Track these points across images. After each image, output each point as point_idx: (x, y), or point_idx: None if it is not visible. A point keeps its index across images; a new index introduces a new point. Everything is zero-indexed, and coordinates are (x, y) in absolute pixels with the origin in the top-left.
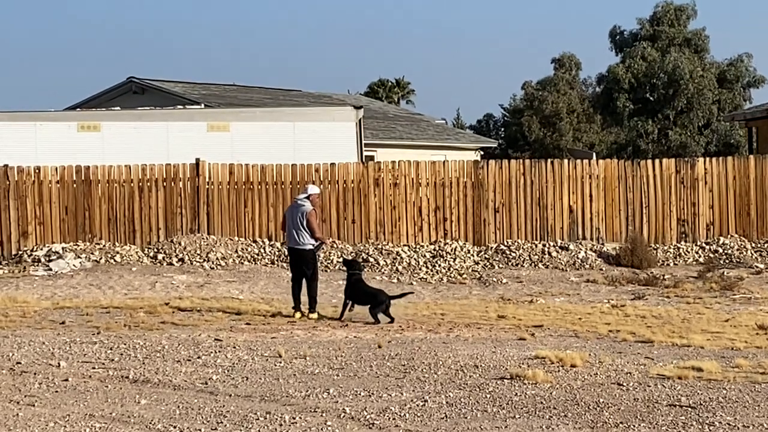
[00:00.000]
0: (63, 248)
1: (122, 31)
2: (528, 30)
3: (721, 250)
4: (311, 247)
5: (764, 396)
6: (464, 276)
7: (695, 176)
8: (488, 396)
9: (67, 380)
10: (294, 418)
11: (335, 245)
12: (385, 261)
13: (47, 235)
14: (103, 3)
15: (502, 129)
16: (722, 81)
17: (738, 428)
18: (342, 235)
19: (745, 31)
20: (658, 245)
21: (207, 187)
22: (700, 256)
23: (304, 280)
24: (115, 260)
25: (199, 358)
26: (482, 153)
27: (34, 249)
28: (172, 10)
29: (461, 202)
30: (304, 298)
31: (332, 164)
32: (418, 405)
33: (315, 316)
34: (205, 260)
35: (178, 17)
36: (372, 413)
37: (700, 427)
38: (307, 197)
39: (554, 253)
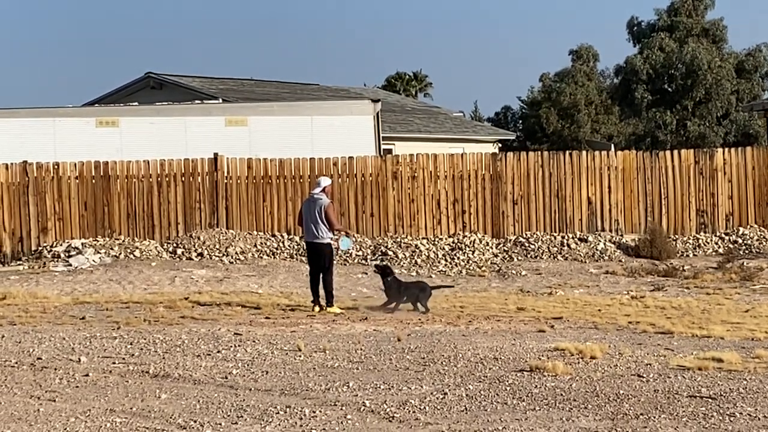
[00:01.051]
0: (82, 244)
1: (140, 27)
2: (545, 22)
3: (740, 241)
4: (329, 240)
5: None
6: (483, 268)
7: (714, 167)
8: (508, 388)
9: (87, 375)
10: (314, 412)
11: (355, 238)
12: (404, 254)
13: (66, 231)
14: None
15: (520, 121)
16: (740, 71)
17: (759, 419)
18: (360, 228)
19: (763, 20)
20: (677, 236)
21: (225, 181)
22: (719, 247)
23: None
24: (134, 255)
25: (218, 352)
26: (500, 145)
27: (54, 245)
28: (190, 6)
29: (479, 195)
30: (323, 291)
31: (350, 158)
32: (437, 398)
33: (335, 309)
34: (224, 255)
35: (195, 13)
36: (392, 406)
37: (720, 417)
38: (323, 190)
39: (573, 245)
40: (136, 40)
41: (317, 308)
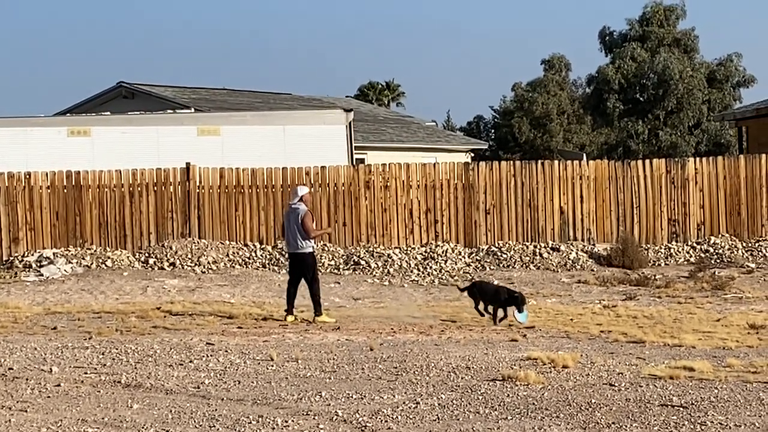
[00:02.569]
0: (54, 254)
1: (113, 36)
2: (518, 31)
3: (712, 250)
4: (311, 250)
5: (756, 395)
6: (456, 278)
7: (686, 176)
8: (480, 397)
9: (59, 385)
10: (286, 422)
11: (326, 248)
12: (376, 263)
13: (38, 241)
14: (93, 7)
15: (493, 131)
16: (712, 81)
17: (730, 427)
18: (333, 238)
19: (734, 30)
20: (649, 245)
21: (197, 191)
22: (691, 256)
23: (304, 284)
24: (106, 265)
25: (191, 362)
26: (473, 155)
27: (25, 255)
28: (162, 15)
29: (452, 204)
30: (300, 301)
31: (323, 167)
32: (410, 407)
33: (324, 318)
34: (196, 264)
35: (167, 22)
36: (364, 416)
37: (691, 426)
38: (300, 199)
39: (545, 254)
40: (108, 49)
41: (290, 318)
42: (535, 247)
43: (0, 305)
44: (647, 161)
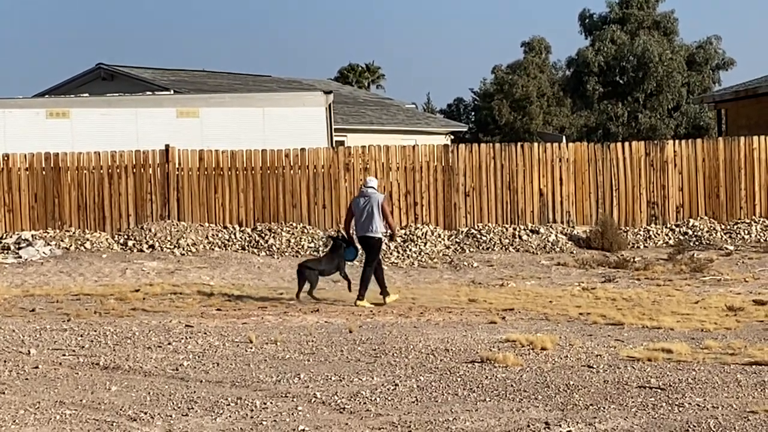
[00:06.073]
0: (33, 236)
1: (91, 18)
2: (498, 14)
3: (690, 232)
4: (381, 235)
5: (733, 377)
6: (435, 260)
7: (665, 159)
8: (459, 379)
9: (37, 367)
10: (265, 404)
11: (306, 231)
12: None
13: (17, 223)
14: None
15: (473, 113)
16: (691, 63)
17: (707, 409)
18: (313, 220)
19: (713, 13)
20: (628, 228)
21: (177, 173)
22: (670, 239)
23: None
24: (85, 247)
25: (169, 344)
26: (452, 137)
27: (4, 237)
28: None
29: (432, 187)
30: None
31: (302, 149)
32: (388, 389)
33: (365, 303)
34: (175, 246)
35: (146, 3)
36: (343, 398)
37: (669, 408)
38: (373, 188)
39: (525, 237)
40: (87, 31)
41: (391, 297)
42: (515, 229)
43: None
44: (626, 144)
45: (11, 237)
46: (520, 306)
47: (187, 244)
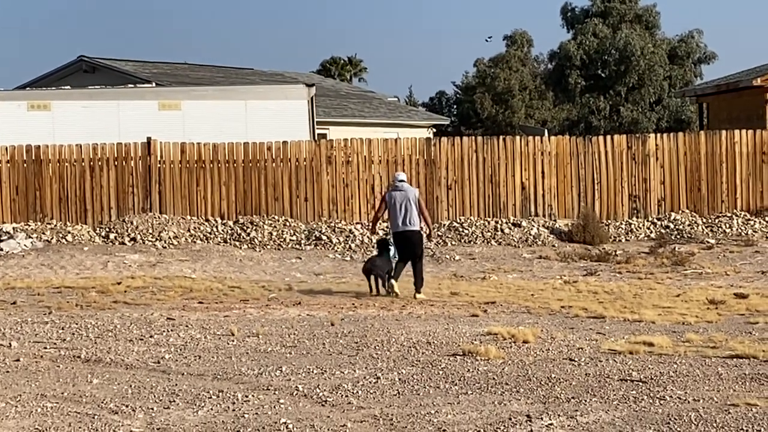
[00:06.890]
0: (14, 228)
1: (72, 10)
2: (480, 7)
3: (672, 226)
4: (418, 228)
5: (714, 370)
6: None
7: (646, 152)
8: (441, 372)
9: (18, 360)
10: (247, 396)
11: (288, 224)
12: (338, 239)
13: None
14: None
15: (455, 106)
16: (673, 57)
17: (688, 401)
18: (295, 213)
19: (695, 7)
20: (610, 221)
21: (159, 166)
22: (651, 232)
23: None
24: (66, 240)
25: (151, 337)
26: (435, 130)
27: None
28: None
29: (413, 180)
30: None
31: (284, 142)
32: (370, 382)
33: (423, 296)
34: (157, 239)
35: None
36: (325, 391)
37: (651, 401)
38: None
39: (507, 230)
40: (68, 23)
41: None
42: (497, 222)
43: None
44: (608, 137)
45: None
46: (502, 299)
47: (169, 237)
